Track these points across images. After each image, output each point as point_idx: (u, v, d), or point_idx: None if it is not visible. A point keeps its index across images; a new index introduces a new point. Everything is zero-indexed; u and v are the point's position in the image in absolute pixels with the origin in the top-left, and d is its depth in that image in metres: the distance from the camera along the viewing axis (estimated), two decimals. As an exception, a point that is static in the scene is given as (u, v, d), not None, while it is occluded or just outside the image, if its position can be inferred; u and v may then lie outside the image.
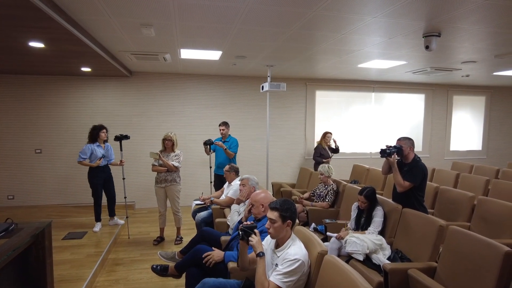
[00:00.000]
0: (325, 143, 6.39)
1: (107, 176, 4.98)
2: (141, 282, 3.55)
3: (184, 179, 4.76)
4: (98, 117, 6.29)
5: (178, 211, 4.59)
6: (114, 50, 4.42)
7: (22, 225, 2.95)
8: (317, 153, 6.40)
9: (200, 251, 2.75)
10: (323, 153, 6.34)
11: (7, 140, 6.10)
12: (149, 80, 6.39)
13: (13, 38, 3.57)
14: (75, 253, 4.10)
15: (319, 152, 6.38)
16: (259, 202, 2.74)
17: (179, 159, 4.52)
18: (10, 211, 5.71)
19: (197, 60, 5.12)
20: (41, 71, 5.77)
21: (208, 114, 6.62)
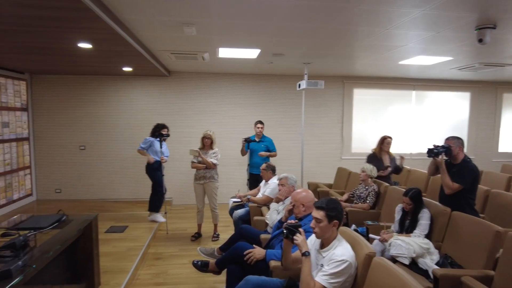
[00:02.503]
0: (383, 151, 4.78)
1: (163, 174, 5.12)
2: (180, 277, 3.61)
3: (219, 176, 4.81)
4: (137, 115, 6.52)
5: (215, 208, 4.65)
6: (155, 49, 4.53)
7: (72, 217, 3.09)
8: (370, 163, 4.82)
9: (241, 249, 2.75)
10: (378, 164, 4.59)
11: (55, 137, 6.46)
12: (186, 79, 6.51)
13: (63, 40, 3.75)
14: (117, 246, 4.25)
15: (371, 162, 4.67)
16: (299, 202, 2.70)
17: (217, 157, 4.57)
18: (57, 204, 6.02)
19: (234, 59, 5.15)
20: (85, 71, 6.04)
21: (242, 113, 6.64)
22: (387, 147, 4.77)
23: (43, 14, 2.83)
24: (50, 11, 2.75)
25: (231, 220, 4.95)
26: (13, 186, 5.90)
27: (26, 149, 6.27)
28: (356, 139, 7.09)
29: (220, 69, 6.20)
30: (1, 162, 5.59)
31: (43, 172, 6.50)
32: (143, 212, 5.74)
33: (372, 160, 4.72)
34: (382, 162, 4.71)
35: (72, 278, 2.96)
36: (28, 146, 6.33)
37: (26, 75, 6.23)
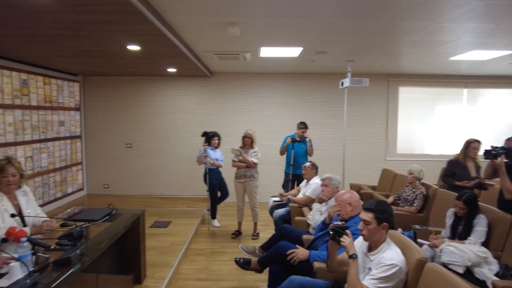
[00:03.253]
0: (468, 158, 4.00)
1: (220, 178, 5.19)
2: (221, 274, 3.66)
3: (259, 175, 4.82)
4: (180, 115, 6.72)
5: (255, 207, 4.66)
6: (199, 50, 4.64)
7: (121, 212, 3.24)
8: (449, 170, 4.05)
9: (283, 248, 2.73)
10: (461, 171, 3.90)
11: (104, 135, 6.84)
12: (227, 79, 6.60)
13: (114, 43, 3.95)
14: (161, 241, 4.40)
15: (452, 169, 3.98)
16: (346, 201, 2.62)
17: (258, 156, 4.58)
18: (105, 198, 6.37)
19: (275, 58, 5.13)
20: (132, 72, 6.33)
21: (282, 112, 6.61)
22: (473, 152, 3.98)
23: (97, 18, 2.99)
24: (104, 15, 2.90)
25: (270, 219, 4.94)
26: (67, 181, 6.32)
27: (78, 147, 6.70)
28: (401, 139, 6.79)
29: (261, 69, 6.22)
30: (58, 158, 6.02)
31: (93, 168, 6.91)
32: (186, 208, 5.91)
33: (454, 167, 4.03)
34: (468, 171, 3.95)
35: (120, 269, 3.11)
36: (80, 143, 6.76)
37: (79, 77, 6.66)
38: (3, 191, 2.55)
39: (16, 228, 2.08)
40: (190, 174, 6.74)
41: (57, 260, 2.03)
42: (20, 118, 5.09)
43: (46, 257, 2.15)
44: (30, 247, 1.98)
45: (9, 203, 2.55)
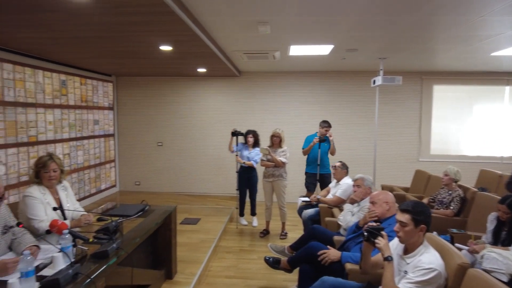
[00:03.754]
0: None
1: (248, 177, 5.04)
2: (250, 272, 3.67)
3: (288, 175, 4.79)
4: (208, 114, 6.81)
5: (283, 206, 4.64)
6: (228, 50, 4.67)
7: (153, 208, 3.32)
8: None
9: (315, 248, 2.69)
10: None
11: (135, 134, 7.05)
12: (255, 79, 6.62)
13: (146, 43, 4.05)
14: (191, 238, 4.47)
15: None
16: (382, 200, 2.55)
17: (286, 155, 4.56)
18: (137, 195, 6.55)
19: (305, 57, 5.08)
20: (163, 73, 6.48)
21: (311, 111, 6.53)
22: None
23: (131, 19, 3.06)
24: (138, 16, 2.97)
25: (299, 220, 4.90)
26: (101, 177, 6.57)
27: (111, 145, 6.94)
28: (435, 140, 6.52)
29: (290, 68, 6.18)
30: (92, 155, 6.27)
31: (125, 165, 7.14)
32: (214, 206, 5.98)
33: None
34: None
35: (153, 264, 3.18)
36: (113, 141, 7.00)
37: (112, 77, 6.90)
38: (45, 186, 2.68)
39: (58, 221, 2.19)
40: (218, 172, 6.83)
41: (95, 253, 2.11)
42: (59, 117, 5.34)
43: (85, 249, 2.23)
44: (71, 239, 2.07)
45: (51, 197, 2.68)
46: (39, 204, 2.56)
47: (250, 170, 4.96)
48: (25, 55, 4.54)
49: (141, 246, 2.79)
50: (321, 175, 4.92)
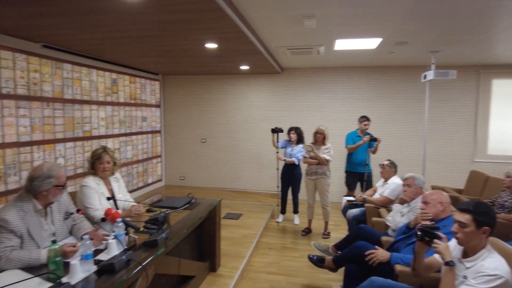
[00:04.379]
0: None
1: (290, 174, 4.94)
2: (292, 270, 3.63)
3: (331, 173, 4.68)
4: (251, 111, 6.84)
5: (327, 205, 4.54)
6: (272, 46, 4.65)
7: (199, 201, 3.39)
8: None
9: (362, 248, 2.59)
10: None
11: (180, 131, 7.28)
12: (298, 75, 6.54)
13: (192, 41, 4.14)
14: (233, 232, 4.52)
15: None
16: (436, 201, 2.40)
17: (330, 153, 4.45)
18: (181, 189, 6.76)
19: (350, 51, 4.93)
20: (206, 71, 6.62)
21: (355, 108, 6.32)
22: None
23: (179, 17, 3.14)
24: (185, 14, 3.03)
25: (342, 219, 4.78)
26: (148, 172, 6.86)
27: (158, 141, 7.23)
28: (493, 139, 6.03)
29: (334, 63, 6.03)
30: (140, 150, 6.57)
31: (170, 161, 7.41)
32: (255, 202, 6.01)
33: None
34: None
35: (198, 256, 3.26)
36: (160, 138, 7.28)
37: (159, 76, 7.17)
38: (100, 177, 2.84)
39: (112, 210, 2.31)
40: (260, 169, 6.85)
41: (146, 241, 2.20)
42: (110, 114, 5.65)
43: (135, 238, 2.34)
44: (123, 227, 2.17)
45: (105, 188, 2.83)
46: (94, 194, 2.72)
47: (292, 167, 4.91)
48: (82, 56, 4.85)
49: (187, 237, 2.87)
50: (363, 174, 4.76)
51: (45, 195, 2.07)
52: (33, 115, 4.14)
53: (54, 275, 1.70)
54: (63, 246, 1.91)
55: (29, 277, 1.73)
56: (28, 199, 2.05)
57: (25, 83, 4.03)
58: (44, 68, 4.29)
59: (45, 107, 4.32)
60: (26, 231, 1.98)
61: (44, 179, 2.04)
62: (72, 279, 1.71)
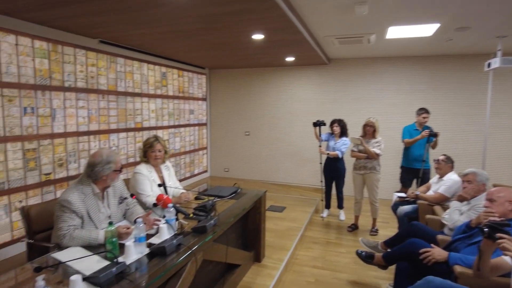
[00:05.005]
0: None
1: (333, 168, 4.81)
2: (338, 265, 3.54)
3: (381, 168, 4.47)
4: (295, 104, 6.75)
5: (375, 201, 4.36)
6: (320, 36, 4.52)
7: (245, 191, 3.41)
8: None
9: (416, 245, 2.44)
10: None
11: (225, 123, 7.39)
12: (346, 66, 6.32)
13: (239, 33, 4.14)
14: (277, 224, 4.51)
15: None
16: (504, 199, 2.19)
17: (380, 147, 4.25)
18: (226, 181, 6.87)
19: (403, 39, 4.64)
20: (251, 64, 6.63)
21: (407, 100, 5.98)
22: None
23: (227, 9, 3.15)
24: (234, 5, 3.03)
25: (391, 216, 4.58)
26: (195, 163, 7.06)
27: (204, 133, 7.40)
28: None
29: (384, 53, 5.73)
30: (188, 142, 6.77)
31: (215, 153, 7.56)
32: (299, 196, 5.95)
33: None
34: None
35: (243, 245, 3.28)
36: (206, 130, 7.45)
37: (206, 70, 7.31)
38: (152, 164, 2.96)
39: (164, 195, 2.38)
40: (303, 163, 6.76)
41: (195, 227, 2.24)
42: (160, 106, 5.87)
43: (185, 223, 2.40)
44: (174, 213, 2.24)
45: (156, 175, 2.94)
46: (146, 181, 2.84)
47: (335, 161, 4.76)
48: (134, 50, 5.07)
49: (233, 226, 2.90)
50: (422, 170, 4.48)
51: (104, 179, 2.19)
52: (90, 106, 4.42)
53: (111, 254, 1.79)
54: (118, 228, 2.01)
55: (89, 254, 1.84)
56: (87, 183, 2.18)
57: (84, 77, 4.31)
58: (100, 62, 4.54)
59: (101, 99, 4.58)
60: (86, 212, 2.11)
61: (104, 164, 2.16)
62: (127, 259, 1.79)
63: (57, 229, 2.04)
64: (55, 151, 3.96)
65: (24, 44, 3.59)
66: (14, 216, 3.56)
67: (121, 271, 1.65)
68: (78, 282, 1.48)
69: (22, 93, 3.57)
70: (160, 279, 1.72)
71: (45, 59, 3.81)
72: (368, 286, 3.13)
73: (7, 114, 3.44)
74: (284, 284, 3.12)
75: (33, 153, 3.72)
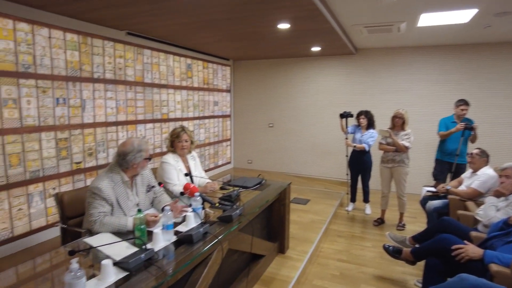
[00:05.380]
0: None
1: (360, 161, 4.67)
2: (364, 259, 3.47)
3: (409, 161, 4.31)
4: (320, 95, 6.63)
5: (403, 195, 4.23)
6: (348, 24, 4.39)
7: (269, 182, 3.39)
8: None
9: (448, 241, 2.35)
10: None
11: (248, 115, 7.38)
12: (373, 56, 6.12)
13: (265, 23, 4.08)
14: (301, 217, 4.48)
15: None
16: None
17: (410, 139, 4.10)
18: (249, 173, 6.87)
19: (436, 27, 4.43)
20: (276, 55, 6.55)
21: (438, 91, 5.73)
22: None
23: (254, -3, 3.12)
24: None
25: (418, 211, 4.44)
26: (219, 154, 7.12)
27: (228, 125, 7.43)
28: None
29: (415, 42, 5.50)
30: (212, 133, 6.82)
31: (239, 144, 7.58)
32: (323, 189, 5.89)
33: None
34: None
35: (267, 236, 3.28)
36: (229, 122, 7.48)
37: (230, 61, 7.30)
38: (178, 154, 2.99)
39: (190, 184, 2.40)
40: (328, 155, 6.65)
41: (221, 216, 2.25)
42: (185, 98, 5.93)
43: (211, 212, 2.41)
44: (201, 202, 2.25)
45: (183, 165, 2.98)
46: (173, 170, 2.87)
47: (361, 154, 4.64)
48: (159, 41, 5.12)
49: (257, 217, 2.89)
50: (456, 165, 4.29)
51: (135, 167, 2.24)
52: (118, 97, 4.52)
53: (140, 240, 1.83)
54: (146, 216, 2.05)
55: (119, 240, 1.88)
56: (117, 172, 2.23)
57: (112, 68, 4.40)
58: (127, 54, 4.62)
59: (128, 90, 4.67)
60: (115, 199, 2.16)
61: (136, 153, 2.20)
62: (155, 246, 1.82)
63: (88, 215, 2.11)
64: (85, 140, 4.09)
65: (57, 37, 3.70)
66: (49, 202, 3.72)
67: (149, 257, 1.68)
68: (109, 266, 1.52)
69: (54, 85, 3.70)
70: (187, 266, 1.74)
71: (76, 51, 3.91)
72: (395, 281, 3.05)
73: (42, 104, 3.58)
74: (308, 276, 3.10)
75: (65, 143, 3.86)
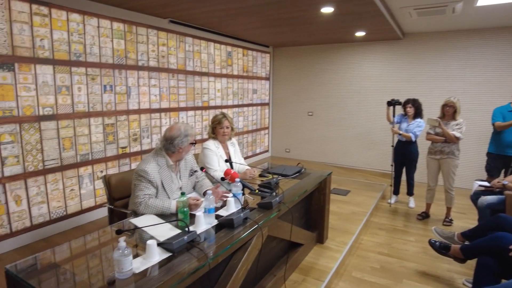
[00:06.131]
0: None
1: (405, 152, 4.47)
2: (406, 254, 3.33)
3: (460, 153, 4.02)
4: (364, 82, 6.38)
5: (451, 189, 3.98)
6: (395, 7, 4.14)
7: (308, 171, 3.33)
8: None
9: (504, 240, 2.17)
10: None
11: (287, 103, 7.29)
12: (422, 41, 5.74)
13: (307, 6, 3.95)
14: (341, 208, 4.38)
15: None
16: None
17: (461, 130, 3.82)
18: (287, 161, 6.84)
19: (498, 6, 4.03)
20: (318, 40, 6.35)
21: (497, 78, 5.26)
22: None
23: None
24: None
25: (468, 207, 4.19)
26: (257, 142, 7.13)
27: (266, 113, 7.40)
28: None
29: (470, 24, 5.07)
30: (250, 122, 6.83)
31: (277, 133, 7.54)
32: (364, 180, 5.72)
33: None
34: None
35: (306, 225, 3.24)
36: (268, 110, 7.44)
37: (270, 48, 7.22)
38: (219, 141, 3.02)
39: (231, 170, 2.41)
40: (370, 146, 6.42)
41: (261, 203, 2.25)
42: (225, 86, 5.97)
43: (251, 199, 2.42)
44: (241, 187, 2.26)
45: (223, 151, 3.00)
46: (214, 156, 2.91)
47: (408, 144, 4.41)
48: (201, 29, 5.16)
49: (297, 206, 2.86)
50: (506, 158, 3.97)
51: (180, 152, 2.30)
52: (161, 85, 4.64)
53: (182, 222, 1.87)
54: (188, 199, 2.09)
55: (163, 222, 1.94)
56: (162, 156, 2.29)
57: (155, 56, 4.51)
58: (170, 42, 4.71)
59: (171, 78, 4.78)
60: (160, 182, 2.23)
61: (183, 137, 2.26)
62: (197, 229, 1.85)
63: (134, 197, 2.19)
64: (130, 126, 4.26)
65: (104, 26, 3.85)
66: (97, 184, 3.94)
67: (191, 239, 1.71)
68: (154, 247, 1.57)
69: (102, 72, 3.87)
70: (227, 250, 1.75)
71: (121, 39, 4.05)
72: (440, 278, 2.90)
73: (91, 91, 3.76)
74: (347, 268, 3.03)
75: (112, 128, 4.05)
